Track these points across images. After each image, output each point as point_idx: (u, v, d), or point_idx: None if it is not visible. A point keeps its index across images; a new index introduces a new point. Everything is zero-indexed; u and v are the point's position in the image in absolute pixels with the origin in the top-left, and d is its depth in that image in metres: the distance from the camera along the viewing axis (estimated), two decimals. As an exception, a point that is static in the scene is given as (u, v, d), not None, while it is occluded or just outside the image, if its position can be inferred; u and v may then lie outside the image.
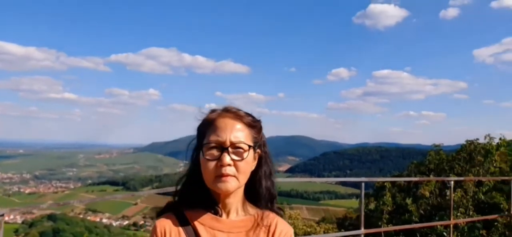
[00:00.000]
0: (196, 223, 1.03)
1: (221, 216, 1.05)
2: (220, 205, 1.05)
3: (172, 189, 1.14)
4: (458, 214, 9.74)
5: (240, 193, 1.07)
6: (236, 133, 1.02)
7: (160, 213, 1.09)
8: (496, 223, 10.27)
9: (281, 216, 1.11)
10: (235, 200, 1.06)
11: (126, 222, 66.36)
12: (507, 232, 9.42)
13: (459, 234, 9.49)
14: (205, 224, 1.03)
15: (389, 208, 20.07)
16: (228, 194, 1.03)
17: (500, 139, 16.87)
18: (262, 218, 1.07)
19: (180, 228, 1.03)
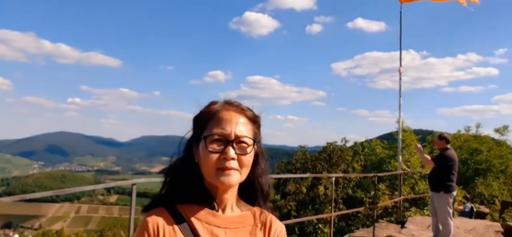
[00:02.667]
0: (191, 218, 0.98)
1: (217, 211, 1.00)
2: (216, 200, 1.01)
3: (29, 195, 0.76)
4: (330, 207, 10.08)
5: (236, 189, 1.03)
6: (241, 127, 0.99)
7: (148, 207, 1.01)
8: (359, 214, 11.13)
9: (273, 213, 1.09)
10: (232, 196, 1.03)
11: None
12: (367, 222, 10.16)
13: (326, 225, 9.91)
14: (201, 219, 0.98)
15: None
16: (228, 188, 1.00)
17: (354, 142, 18.87)
18: (257, 215, 1.05)
19: (175, 225, 0.96)
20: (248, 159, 0.99)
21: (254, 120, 1.04)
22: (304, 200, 12.38)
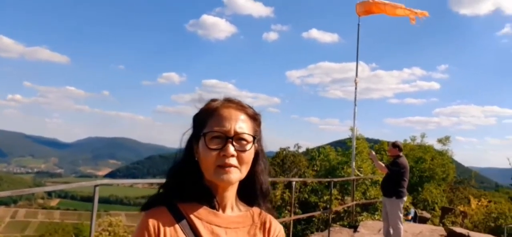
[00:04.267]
0: (192, 217, 0.96)
1: (218, 210, 0.99)
2: (216, 199, 0.99)
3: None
4: (286, 211, 10.19)
5: (235, 187, 1.02)
6: (241, 123, 0.98)
7: (148, 206, 0.98)
8: (313, 219, 11.36)
9: (272, 213, 1.08)
10: (232, 195, 1.02)
11: None
12: (321, 226, 10.39)
13: (286, 229, 10.00)
14: (202, 218, 0.97)
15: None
16: (229, 186, 0.98)
17: (307, 149, 19.33)
18: (257, 215, 1.04)
19: (176, 224, 0.94)
20: (248, 156, 0.97)
21: (255, 118, 1.03)
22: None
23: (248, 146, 0.97)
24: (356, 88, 10.32)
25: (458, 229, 8.80)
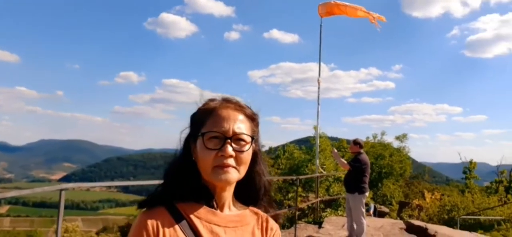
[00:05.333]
0: (191, 217, 0.96)
1: (216, 209, 0.99)
2: (215, 198, 0.99)
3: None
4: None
5: (233, 187, 1.01)
6: (239, 124, 0.98)
7: (145, 205, 0.97)
8: (279, 216, 11.45)
9: (273, 210, 1.09)
10: (230, 194, 1.02)
11: None
12: (287, 223, 10.50)
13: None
14: (201, 218, 0.96)
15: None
16: (226, 186, 0.98)
17: (270, 147, 19.49)
18: (254, 214, 1.05)
19: (175, 224, 0.94)
20: (246, 156, 0.97)
21: (253, 118, 1.03)
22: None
23: (247, 147, 0.97)
24: (319, 88, 10.50)
25: (416, 222, 9.22)
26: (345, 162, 7.09)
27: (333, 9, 10.22)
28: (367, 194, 6.89)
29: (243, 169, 0.97)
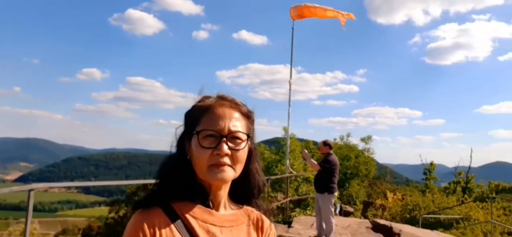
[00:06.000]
0: (187, 217, 0.94)
1: (212, 209, 0.97)
2: (210, 198, 0.97)
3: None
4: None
5: (228, 186, 1.00)
6: (235, 122, 0.96)
7: (140, 205, 0.94)
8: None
9: (267, 210, 1.08)
10: (225, 193, 1.00)
11: None
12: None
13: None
14: (197, 217, 0.95)
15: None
16: (222, 184, 0.97)
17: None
18: (249, 213, 1.04)
19: (171, 224, 0.92)
20: (242, 155, 0.96)
21: (248, 116, 1.02)
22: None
23: (242, 145, 0.96)
24: (290, 90, 10.61)
25: (382, 221, 9.50)
26: (315, 163, 7.17)
27: (303, 12, 10.35)
28: (336, 194, 7.00)
29: (239, 168, 0.96)
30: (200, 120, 0.96)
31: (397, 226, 8.92)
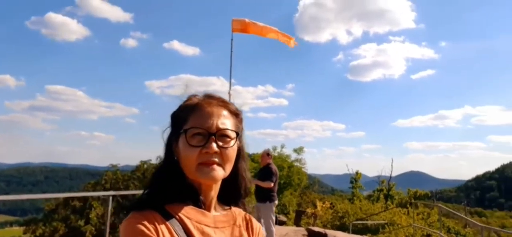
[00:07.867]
0: (183, 218, 0.92)
1: (205, 209, 0.96)
2: (201, 198, 0.96)
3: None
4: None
5: (218, 186, 0.99)
6: (223, 119, 0.96)
7: (133, 209, 0.92)
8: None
9: (246, 212, 1.07)
10: (215, 193, 0.99)
11: None
12: None
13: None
14: (191, 218, 0.93)
15: (61, 232, 18.07)
16: (213, 183, 0.96)
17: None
18: (239, 214, 1.03)
19: (168, 226, 0.89)
20: (231, 153, 0.95)
21: (237, 114, 1.01)
22: (114, 224, 11.59)
23: (231, 143, 0.95)
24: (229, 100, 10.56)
25: (317, 229, 9.87)
26: (266, 182, 6.96)
27: (247, 28, 10.39)
28: (276, 202, 7.11)
29: (229, 167, 0.95)
30: (188, 119, 0.95)
31: (331, 233, 9.34)
